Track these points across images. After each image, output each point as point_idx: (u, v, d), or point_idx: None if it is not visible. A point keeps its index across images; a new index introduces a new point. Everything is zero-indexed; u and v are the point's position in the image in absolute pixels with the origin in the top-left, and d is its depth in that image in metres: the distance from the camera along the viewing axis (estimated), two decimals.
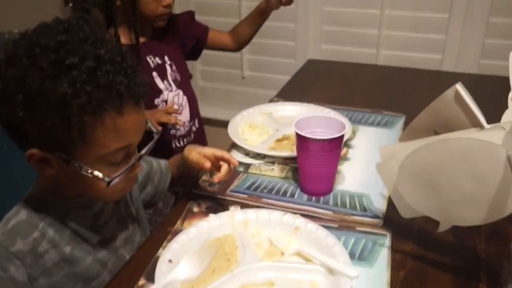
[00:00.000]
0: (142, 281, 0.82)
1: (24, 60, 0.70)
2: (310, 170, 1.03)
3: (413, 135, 0.87)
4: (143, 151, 0.83)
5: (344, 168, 1.16)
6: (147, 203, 1.11)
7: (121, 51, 0.76)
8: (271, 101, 1.51)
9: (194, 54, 1.66)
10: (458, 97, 0.74)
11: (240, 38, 1.67)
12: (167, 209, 1.43)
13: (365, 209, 1.01)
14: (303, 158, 1.03)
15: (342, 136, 1.00)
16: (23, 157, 0.76)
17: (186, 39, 1.56)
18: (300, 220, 0.93)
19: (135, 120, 0.77)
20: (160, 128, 1.32)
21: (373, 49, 2.28)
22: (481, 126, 0.73)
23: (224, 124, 1.33)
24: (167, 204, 1.44)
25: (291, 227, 0.92)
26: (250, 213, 0.96)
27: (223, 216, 0.95)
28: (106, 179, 0.76)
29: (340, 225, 0.97)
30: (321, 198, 1.05)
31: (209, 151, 1.01)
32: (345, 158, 1.20)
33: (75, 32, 0.73)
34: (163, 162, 1.14)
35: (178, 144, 1.49)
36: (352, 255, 0.87)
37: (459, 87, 0.74)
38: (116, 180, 0.78)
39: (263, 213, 0.95)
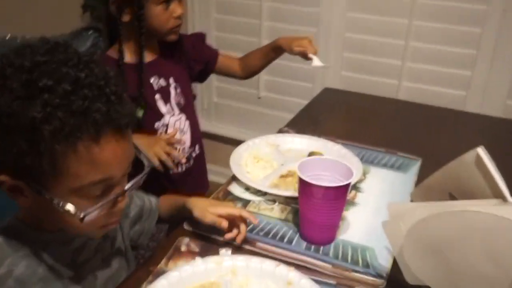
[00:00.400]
0: None
1: None
2: (311, 217, 0.95)
3: (426, 194, 0.78)
4: (127, 186, 0.76)
5: (350, 214, 1.07)
6: (133, 242, 1.03)
7: (107, 76, 0.69)
8: (280, 131, 1.43)
9: (201, 78, 1.58)
10: (479, 162, 0.65)
11: (250, 68, 1.59)
12: (155, 242, 1.34)
13: (367, 265, 0.92)
14: (305, 204, 0.95)
15: (348, 185, 0.92)
16: None
17: (193, 63, 1.49)
18: (294, 274, 0.84)
19: (115, 150, 0.69)
20: (157, 163, 1.25)
21: (395, 80, 2.19)
22: (503, 198, 0.64)
23: (235, 142, 1.27)
24: (156, 238, 1.36)
25: (284, 280, 0.84)
26: (240, 260, 0.88)
27: (210, 261, 0.87)
28: (79, 214, 0.69)
29: (338, 282, 0.88)
30: (321, 248, 0.96)
31: (223, 210, 0.94)
32: (352, 203, 1.11)
33: (58, 53, 0.67)
34: (153, 201, 1.07)
35: (176, 170, 1.41)
36: None
37: (480, 151, 0.66)
38: (92, 215, 0.71)
39: (254, 262, 0.87)
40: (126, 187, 0.76)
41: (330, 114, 1.64)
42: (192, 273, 0.84)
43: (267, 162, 1.26)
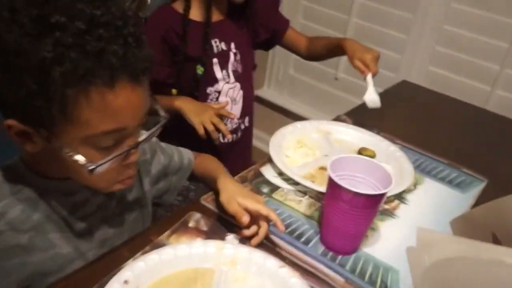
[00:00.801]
0: None
1: (3, 13, 0.59)
2: (334, 221, 0.84)
3: (466, 227, 0.65)
4: (141, 138, 0.70)
5: (385, 226, 0.95)
6: (157, 199, 0.99)
7: (125, 15, 0.63)
8: (337, 118, 1.31)
9: (266, 46, 1.48)
10: None
11: (313, 53, 1.47)
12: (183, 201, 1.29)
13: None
14: (330, 205, 0.84)
15: (383, 195, 0.80)
16: None
17: (261, 29, 1.39)
18: (296, 281, 0.75)
19: (130, 98, 0.64)
20: (202, 131, 1.17)
21: (488, 85, 1.95)
22: None
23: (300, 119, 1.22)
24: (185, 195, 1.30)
25: (284, 285, 0.75)
26: (243, 251, 0.80)
27: (210, 245, 0.80)
28: (88, 165, 0.64)
29: None
30: (339, 257, 0.86)
31: (252, 206, 0.84)
32: (391, 214, 0.99)
33: None
34: (186, 157, 1.01)
35: (222, 140, 1.34)
36: None
37: None
38: (103, 168, 0.66)
39: (257, 256, 0.79)
40: (140, 138, 0.70)
41: (398, 110, 1.48)
42: (188, 255, 0.78)
43: (310, 149, 1.16)
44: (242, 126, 1.40)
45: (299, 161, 1.11)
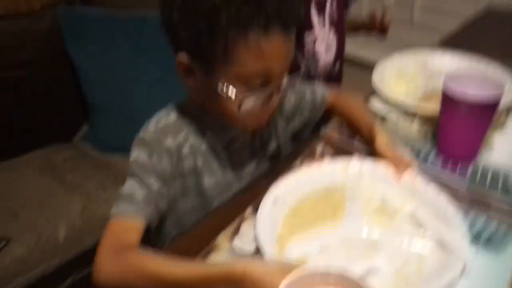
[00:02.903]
0: (248, 212, 0.83)
1: None
2: (451, 131, 0.91)
3: None
4: (283, 82, 0.81)
5: (496, 139, 1.00)
6: (293, 135, 1.08)
7: None
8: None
9: None
10: None
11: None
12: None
13: (507, 191, 0.86)
14: (446, 118, 0.91)
15: (497, 104, 0.85)
16: None
17: None
18: (420, 182, 0.83)
19: (281, 45, 0.75)
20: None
21: None
22: None
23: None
24: None
25: (409, 187, 0.83)
26: (366, 166, 0.89)
27: (337, 164, 0.89)
28: (238, 99, 0.76)
29: (471, 202, 0.84)
30: (458, 166, 0.92)
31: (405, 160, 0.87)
32: (501, 127, 1.03)
33: None
34: (320, 94, 1.07)
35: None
36: (477, 238, 0.76)
37: None
38: (249, 103, 0.77)
39: (380, 168, 0.88)
40: (283, 83, 0.81)
41: (495, 34, 1.47)
42: (319, 174, 0.87)
43: (412, 79, 1.21)
44: (333, 73, 1.47)
45: (402, 88, 1.17)
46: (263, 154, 0.98)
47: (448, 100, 0.88)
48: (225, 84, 0.76)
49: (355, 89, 1.08)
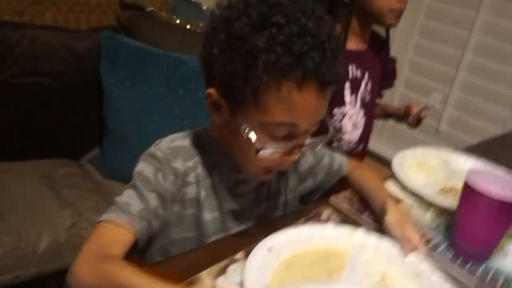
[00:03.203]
0: (239, 255, 0.78)
1: (240, 5, 0.73)
2: (469, 227, 0.86)
3: None
4: (307, 141, 0.79)
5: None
6: (303, 197, 1.05)
7: (331, 34, 0.73)
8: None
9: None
10: None
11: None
12: None
13: None
14: (465, 212, 0.87)
15: None
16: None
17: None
18: (426, 266, 0.78)
19: (312, 103, 0.73)
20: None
21: None
22: None
23: None
24: None
25: (413, 270, 0.78)
26: (372, 238, 0.84)
27: (341, 230, 0.85)
28: (257, 145, 0.74)
29: None
30: (468, 265, 0.87)
31: (417, 240, 0.83)
32: None
33: (299, 1, 0.73)
34: (338, 161, 1.05)
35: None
36: None
37: None
38: (267, 152, 0.75)
39: (386, 244, 0.83)
40: (307, 141, 0.79)
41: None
42: (320, 237, 0.83)
43: (432, 173, 1.19)
44: (355, 151, 1.46)
45: (420, 180, 1.14)
46: (267, 206, 0.95)
47: (470, 192, 0.85)
48: (248, 127, 0.74)
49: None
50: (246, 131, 0.74)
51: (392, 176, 1.13)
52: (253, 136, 0.74)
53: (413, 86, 2.52)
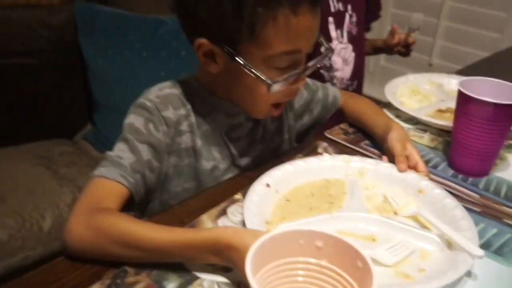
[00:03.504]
0: (238, 196, 0.77)
1: None
2: (466, 140, 0.85)
3: None
4: (310, 63, 0.77)
5: None
6: (300, 136, 1.03)
7: None
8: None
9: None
10: None
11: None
12: None
13: None
14: (461, 124, 0.85)
15: None
16: None
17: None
18: (426, 183, 0.77)
19: (309, 24, 0.71)
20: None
21: None
22: None
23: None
24: None
25: (414, 188, 0.77)
26: (370, 162, 0.83)
27: (338, 159, 0.84)
28: (269, 81, 0.71)
29: (483, 211, 0.78)
30: (470, 179, 0.86)
31: (415, 158, 0.82)
32: None
33: None
34: (332, 93, 1.02)
35: None
36: (487, 245, 0.69)
37: None
38: (278, 85, 0.72)
39: (384, 166, 0.82)
40: (310, 63, 0.76)
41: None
42: (317, 167, 0.82)
43: (425, 97, 1.17)
44: (350, 89, 1.43)
45: (414, 105, 1.12)
46: (263, 147, 0.93)
47: (464, 101, 0.83)
48: (254, 67, 0.71)
49: None
50: (253, 71, 0.71)
51: (386, 105, 1.11)
52: (261, 75, 0.71)
53: (400, 21, 2.47)
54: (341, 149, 0.93)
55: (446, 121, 1.00)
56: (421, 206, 0.73)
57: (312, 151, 0.92)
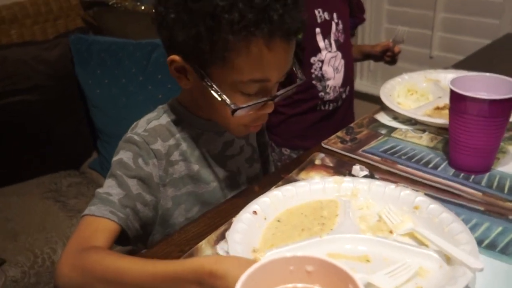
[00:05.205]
0: (235, 218, 0.76)
1: None
2: (463, 138, 0.83)
3: None
4: (279, 92, 0.76)
5: None
6: None
7: None
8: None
9: None
10: None
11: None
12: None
13: None
14: (457, 122, 0.84)
15: (510, 100, 0.78)
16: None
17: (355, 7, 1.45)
18: (422, 199, 0.75)
19: (282, 56, 0.71)
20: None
21: None
22: None
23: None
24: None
25: (410, 205, 0.75)
26: (362, 182, 0.81)
27: (328, 180, 0.81)
28: (233, 106, 0.71)
29: (487, 209, 0.76)
30: (472, 176, 0.84)
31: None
32: None
33: None
34: None
35: (323, 108, 1.37)
36: (492, 246, 0.68)
37: None
38: (243, 111, 0.72)
39: (377, 185, 0.80)
40: (279, 92, 0.76)
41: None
42: (308, 190, 0.80)
43: (422, 95, 1.16)
44: (343, 95, 1.42)
45: (411, 105, 1.11)
46: (258, 162, 0.93)
47: (457, 100, 0.82)
48: (220, 90, 0.71)
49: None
50: (218, 93, 0.71)
51: (382, 107, 1.10)
52: (226, 97, 0.71)
53: (395, 18, 2.46)
54: (339, 159, 0.92)
55: (443, 119, 0.98)
56: (418, 223, 0.71)
57: (309, 164, 0.91)
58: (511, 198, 0.78)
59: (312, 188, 0.80)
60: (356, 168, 0.87)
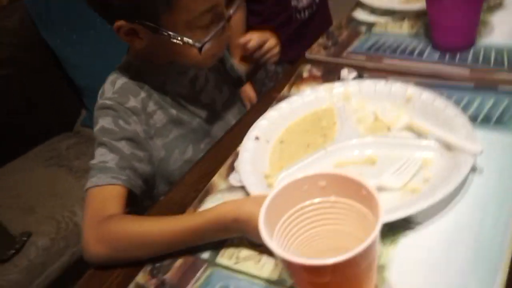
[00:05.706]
0: (240, 148, 0.78)
1: None
2: (441, 18, 0.84)
3: None
4: (231, 11, 0.76)
5: (496, 18, 0.92)
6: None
7: None
8: None
9: None
10: None
11: None
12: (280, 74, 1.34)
13: None
14: (433, 3, 0.83)
15: None
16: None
17: None
18: (413, 89, 0.76)
19: None
20: None
21: None
22: None
23: None
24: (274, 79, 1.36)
25: (402, 98, 0.76)
26: (352, 85, 0.81)
27: (319, 90, 0.82)
28: (197, 44, 0.72)
29: (477, 83, 0.78)
30: (458, 55, 0.85)
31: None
32: (499, 6, 0.95)
33: None
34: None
35: (299, 16, 1.34)
36: (487, 119, 0.71)
37: None
38: (208, 44, 0.73)
39: (367, 85, 0.80)
40: (231, 11, 0.76)
41: None
42: (302, 104, 0.81)
43: None
44: (317, 0, 1.39)
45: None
46: (227, 83, 0.94)
47: None
48: (178, 34, 0.71)
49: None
50: (179, 39, 0.71)
51: (358, 3, 1.08)
52: (188, 39, 0.71)
53: None
54: (325, 66, 0.93)
55: (420, 4, 0.97)
56: (413, 115, 0.72)
57: (298, 78, 0.92)
58: (500, 68, 0.79)
59: (306, 100, 0.81)
60: (344, 72, 0.88)
